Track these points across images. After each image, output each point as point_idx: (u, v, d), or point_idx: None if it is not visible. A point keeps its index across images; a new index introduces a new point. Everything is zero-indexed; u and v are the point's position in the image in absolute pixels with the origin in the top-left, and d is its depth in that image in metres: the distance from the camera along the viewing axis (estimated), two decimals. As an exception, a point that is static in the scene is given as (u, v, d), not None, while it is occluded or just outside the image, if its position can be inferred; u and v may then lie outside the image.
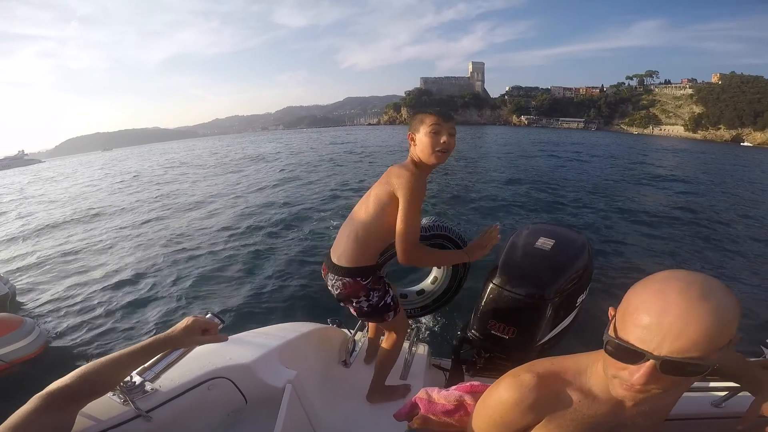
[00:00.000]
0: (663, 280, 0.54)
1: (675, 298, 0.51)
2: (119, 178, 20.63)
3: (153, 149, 77.28)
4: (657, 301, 0.52)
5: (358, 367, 1.84)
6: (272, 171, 16.81)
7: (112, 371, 0.79)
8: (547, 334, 1.41)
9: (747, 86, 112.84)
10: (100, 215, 10.31)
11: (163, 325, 4.04)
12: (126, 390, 0.92)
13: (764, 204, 10.32)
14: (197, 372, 1.10)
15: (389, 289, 1.49)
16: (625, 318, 0.56)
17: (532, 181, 12.01)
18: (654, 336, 0.51)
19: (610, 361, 0.58)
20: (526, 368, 0.72)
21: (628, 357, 0.55)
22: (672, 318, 0.50)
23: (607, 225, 7.30)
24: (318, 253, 5.66)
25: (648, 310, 0.53)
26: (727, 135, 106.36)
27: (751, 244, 6.85)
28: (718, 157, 32.05)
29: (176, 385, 1.04)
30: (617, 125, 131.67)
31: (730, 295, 0.52)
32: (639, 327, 0.53)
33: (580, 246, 1.49)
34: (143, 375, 0.93)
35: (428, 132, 1.26)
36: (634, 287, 0.58)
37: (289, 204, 9.23)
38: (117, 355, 0.80)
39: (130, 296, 4.86)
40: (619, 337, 0.56)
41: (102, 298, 4.89)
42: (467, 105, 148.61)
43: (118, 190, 15.34)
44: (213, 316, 1.02)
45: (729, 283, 4.87)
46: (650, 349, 0.52)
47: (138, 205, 11.32)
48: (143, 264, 5.95)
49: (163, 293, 4.82)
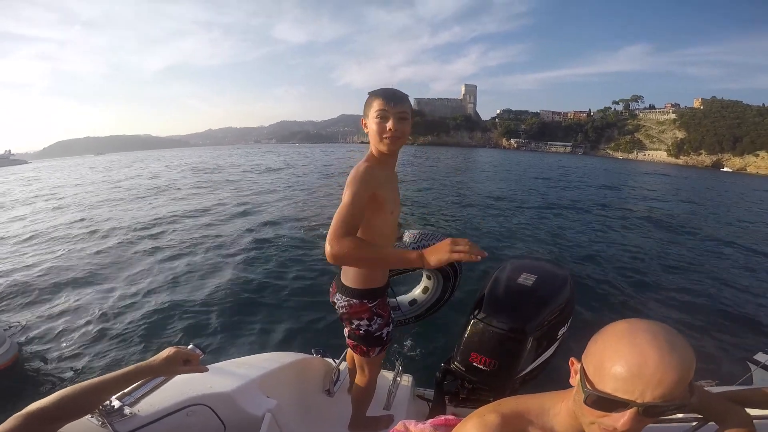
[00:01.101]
0: (631, 333, 0.59)
1: (649, 350, 0.55)
2: (111, 184, 20.80)
3: (148, 156, 75.81)
4: (634, 354, 0.56)
5: (342, 396, 1.84)
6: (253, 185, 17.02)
7: (90, 395, 0.82)
8: (528, 366, 1.47)
9: (727, 111, 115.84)
10: (87, 226, 10.24)
11: (140, 346, 4.05)
12: (105, 413, 0.93)
13: (743, 234, 10.62)
14: (177, 398, 1.11)
15: (391, 321, 1.49)
16: (601, 371, 0.60)
17: (521, 207, 12.49)
18: (636, 386, 0.56)
19: (588, 410, 0.62)
20: (492, 408, 0.76)
21: (610, 407, 0.59)
22: (652, 368, 0.55)
23: (594, 255, 7.51)
24: (303, 280, 5.69)
25: (626, 362, 0.57)
26: (707, 160, 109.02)
27: (734, 271, 7.34)
28: (696, 185, 32.92)
29: (155, 410, 1.05)
30: (603, 150, 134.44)
31: (684, 339, 0.58)
32: (620, 379, 0.57)
33: (561, 281, 1.57)
34: (123, 399, 0.97)
35: (375, 117, 1.17)
36: (601, 340, 0.63)
37: (273, 228, 9.04)
38: (97, 380, 0.84)
39: (106, 310, 4.78)
40: (598, 389, 0.60)
41: (77, 310, 4.82)
42: (459, 127, 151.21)
43: (115, 198, 15.02)
44: (195, 347, 1.06)
45: (712, 305, 5.51)
46: (634, 398, 0.56)
47: (123, 214, 11.41)
48: (122, 281, 5.88)
49: (141, 314, 4.71)
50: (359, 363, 1.58)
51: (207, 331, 4.30)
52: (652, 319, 0.58)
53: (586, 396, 0.62)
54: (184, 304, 4.93)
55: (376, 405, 1.71)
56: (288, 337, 4.13)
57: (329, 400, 1.82)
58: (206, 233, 8.79)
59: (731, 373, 3.38)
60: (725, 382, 2.79)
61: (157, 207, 12.14)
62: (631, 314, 4.62)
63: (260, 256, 6.92)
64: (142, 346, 4.04)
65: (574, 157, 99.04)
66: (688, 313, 5.06)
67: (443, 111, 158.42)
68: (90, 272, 6.40)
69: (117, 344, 4.12)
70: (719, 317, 5.06)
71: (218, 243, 7.99)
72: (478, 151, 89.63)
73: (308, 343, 3.88)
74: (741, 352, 3.73)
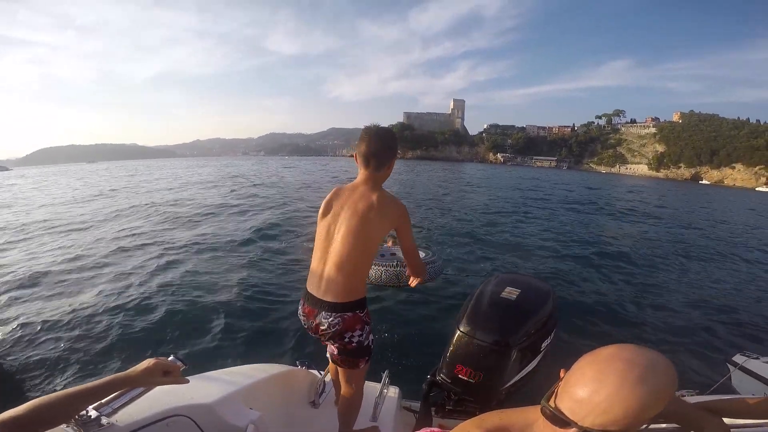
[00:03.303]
0: (607, 359, 0.59)
1: (611, 379, 0.56)
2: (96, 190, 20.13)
3: (146, 165, 73.94)
4: (595, 380, 0.57)
5: (327, 408, 1.83)
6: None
7: (66, 404, 0.80)
8: (512, 378, 1.49)
9: (704, 124, 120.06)
10: (68, 230, 10.28)
11: (118, 357, 3.94)
12: (81, 423, 0.91)
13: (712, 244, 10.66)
14: (156, 408, 1.08)
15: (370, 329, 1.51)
16: (566, 387, 0.62)
17: (505, 220, 12.45)
18: (582, 409, 0.57)
19: (543, 422, 0.65)
20: (475, 423, 0.77)
21: (558, 422, 0.61)
22: (602, 397, 0.56)
23: (577, 270, 7.56)
24: (287, 291, 5.61)
25: (585, 386, 0.58)
26: (686, 173, 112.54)
27: (718, 272, 7.70)
28: (677, 196, 33.78)
29: (133, 420, 1.02)
30: (587, 164, 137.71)
31: (669, 376, 0.57)
32: (573, 399, 0.59)
33: (544, 295, 1.61)
34: (100, 410, 0.95)
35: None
36: (584, 359, 0.63)
37: (260, 237, 8.96)
38: (73, 389, 0.82)
39: (83, 319, 4.69)
40: (555, 405, 0.63)
41: (52, 318, 4.72)
42: (447, 141, 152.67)
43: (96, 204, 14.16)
44: (176, 359, 1.03)
45: (688, 306, 5.65)
46: (576, 419, 0.58)
47: (107, 219, 11.34)
48: (100, 289, 5.75)
49: (119, 324, 4.60)
50: (346, 377, 1.56)
51: (188, 342, 4.21)
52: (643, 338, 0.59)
53: (542, 407, 0.65)
54: (164, 315, 4.84)
55: (363, 417, 1.71)
56: (272, 349, 4.08)
57: (314, 412, 1.81)
58: (188, 241, 8.60)
59: (709, 376, 3.49)
60: (704, 384, 2.93)
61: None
62: (609, 326, 4.87)
63: (243, 265, 6.79)
64: (121, 357, 3.95)
65: (559, 171, 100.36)
66: (666, 317, 5.20)
67: (432, 125, 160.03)
68: (68, 279, 6.26)
69: (94, 354, 4.02)
70: (697, 320, 5.16)
71: (199, 251, 7.82)
72: (465, 166, 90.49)
73: (293, 354, 3.86)
74: (719, 355, 3.81)
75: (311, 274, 1.51)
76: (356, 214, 1.41)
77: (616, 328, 4.85)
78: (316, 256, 1.50)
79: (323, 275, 1.44)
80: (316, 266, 1.49)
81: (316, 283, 1.46)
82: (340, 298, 1.39)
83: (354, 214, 1.42)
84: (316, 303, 1.43)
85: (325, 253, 1.46)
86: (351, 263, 1.40)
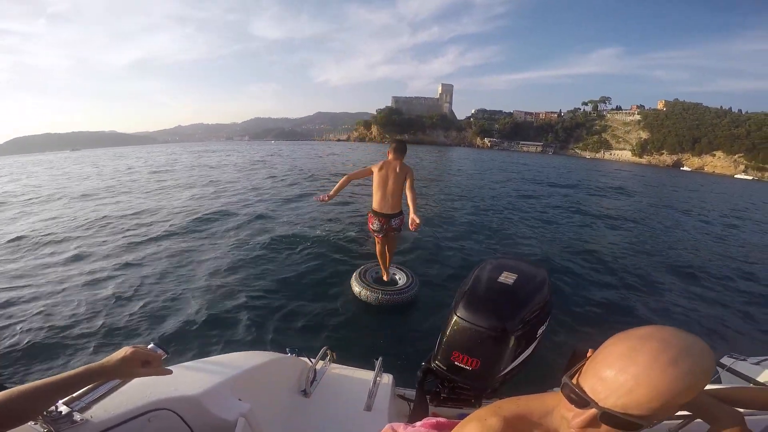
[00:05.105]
0: (642, 337, 0.55)
1: (642, 359, 0.52)
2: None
3: (133, 152, 72.92)
4: (624, 358, 0.54)
5: (319, 397, 1.77)
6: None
7: (31, 400, 0.71)
8: (509, 365, 1.47)
9: (687, 113, 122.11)
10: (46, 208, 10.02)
11: (90, 345, 3.65)
12: (50, 420, 0.83)
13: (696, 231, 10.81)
14: (136, 402, 0.99)
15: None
16: (593, 365, 0.58)
17: (495, 203, 12.41)
18: (605, 388, 0.54)
19: (563, 401, 0.61)
20: (491, 411, 0.73)
21: (578, 402, 0.57)
22: (628, 376, 0.52)
23: (567, 255, 7.35)
24: (273, 275, 5.42)
25: (612, 365, 0.54)
26: (669, 160, 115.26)
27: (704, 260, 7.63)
28: (661, 180, 34.70)
29: (110, 415, 0.94)
30: (572, 149, 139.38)
31: (705, 364, 0.52)
32: (597, 378, 0.55)
33: (540, 280, 1.59)
34: (71, 405, 0.88)
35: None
36: (615, 336, 0.59)
37: (247, 222, 8.58)
38: (39, 382, 0.73)
39: (51, 302, 4.45)
40: (577, 382, 0.59)
41: (17, 303, 4.48)
42: (435, 126, 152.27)
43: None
44: (156, 347, 0.95)
45: (678, 303, 5.44)
46: (597, 399, 0.54)
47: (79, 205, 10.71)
48: (72, 270, 5.55)
49: (93, 309, 4.35)
50: (390, 238, 4.12)
51: (169, 329, 3.96)
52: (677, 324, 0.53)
53: (563, 383, 0.61)
54: (144, 299, 4.57)
55: (357, 405, 1.68)
56: (259, 336, 3.90)
57: (306, 401, 1.73)
58: (171, 222, 8.31)
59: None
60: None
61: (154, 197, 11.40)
62: (597, 316, 4.65)
63: (229, 249, 6.56)
64: (93, 345, 3.66)
65: (545, 156, 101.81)
66: (655, 317, 5.03)
67: (420, 110, 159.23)
68: (35, 262, 5.94)
69: (64, 343, 3.72)
70: (686, 321, 5.02)
71: (182, 233, 7.55)
72: (453, 150, 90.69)
73: (281, 342, 3.66)
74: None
75: (379, 202, 3.84)
76: (394, 172, 3.78)
77: (598, 319, 4.67)
78: (379, 194, 3.83)
79: (386, 201, 3.82)
80: (381, 197, 3.83)
81: (383, 206, 3.84)
82: (396, 210, 3.88)
83: (394, 172, 3.78)
84: (387, 215, 3.86)
85: (385, 191, 3.81)
86: (397, 194, 3.82)
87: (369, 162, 22.59)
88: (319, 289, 4.92)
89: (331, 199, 3.81)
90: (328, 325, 4.10)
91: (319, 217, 8.97)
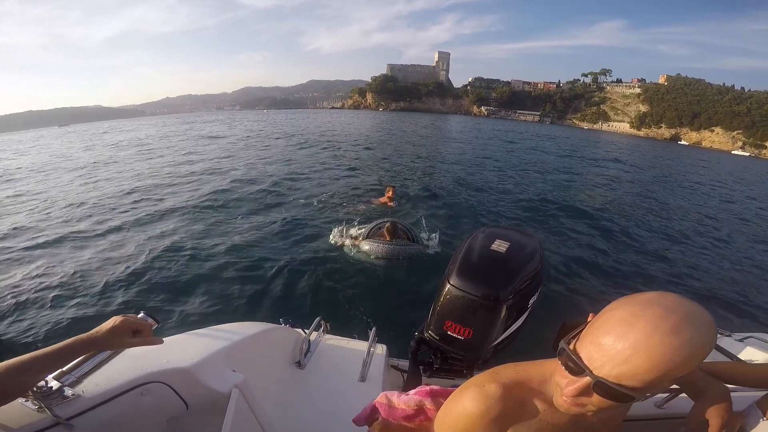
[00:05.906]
0: (645, 303, 0.52)
1: (642, 325, 0.49)
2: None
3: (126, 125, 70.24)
4: (624, 323, 0.51)
5: (313, 368, 1.76)
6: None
7: (18, 374, 0.68)
8: (501, 334, 1.46)
9: (689, 88, 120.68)
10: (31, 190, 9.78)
11: (84, 321, 3.50)
12: (40, 396, 0.80)
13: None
14: (128, 375, 0.96)
15: None
16: (591, 330, 0.56)
17: (490, 171, 12.57)
18: (601, 356, 0.52)
19: (559, 368, 0.59)
20: (489, 377, 0.71)
21: (573, 369, 0.56)
22: (626, 344, 0.49)
23: (558, 224, 7.35)
24: (267, 244, 5.26)
25: (610, 331, 0.52)
26: (667, 133, 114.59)
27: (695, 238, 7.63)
28: (660, 154, 34.62)
29: (102, 390, 0.91)
30: (570, 120, 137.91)
31: (708, 334, 0.49)
32: (594, 345, 0.53)
33: (533, 249, 1.57)
34: (62, 379, 0.86)
35: None
36: (617, 301, 0.57)
37: (237, 191, 8.52)
38: (26, 356, 0.70)
39: (43, 279, 4.26)
40: (574, 348, 0.57)
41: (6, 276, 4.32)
42: (431, 93, 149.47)
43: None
44: (146, 316, 0.93)
45: (671, 278, 5.37)
46: (592, 367, 0.53)
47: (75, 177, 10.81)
48: (58, 240, 5.43)
49: (85, 279, 4.21)
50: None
51: (159, 299, 3.87)
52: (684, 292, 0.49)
53: (559, 349, 0.59)
54: (133, 268, 4.43)
55: (351, 377, 1.69)
56: (252, 307, 3.82)
57: (300, 373, 1.72)
58: (160, 193, 8.30)
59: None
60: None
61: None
62: (590, 286, 4.59)
63: (221, 218, 6.49)
64: (80, 318, 3.55)
65: (542, 125, 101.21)
66: (638, 286, 4.90)
67: (416, 77, 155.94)
68: (19, 230, 5.97)
69: (49, 315, 3.57)
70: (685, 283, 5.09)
71: (173, 201, 7.50)
72: (450, 118, 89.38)
73: (275, 313, 3.60)
74: None
75: None
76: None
77: (591, 289, 4.63)
78: None
79: None
80: None
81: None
82: None
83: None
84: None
85: None
86: None
87: (366, 124, 22.04)
88: (314, 257, 4.81)
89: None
90: (323, 289, 4.02)
91: (316, 191, 8.83)
